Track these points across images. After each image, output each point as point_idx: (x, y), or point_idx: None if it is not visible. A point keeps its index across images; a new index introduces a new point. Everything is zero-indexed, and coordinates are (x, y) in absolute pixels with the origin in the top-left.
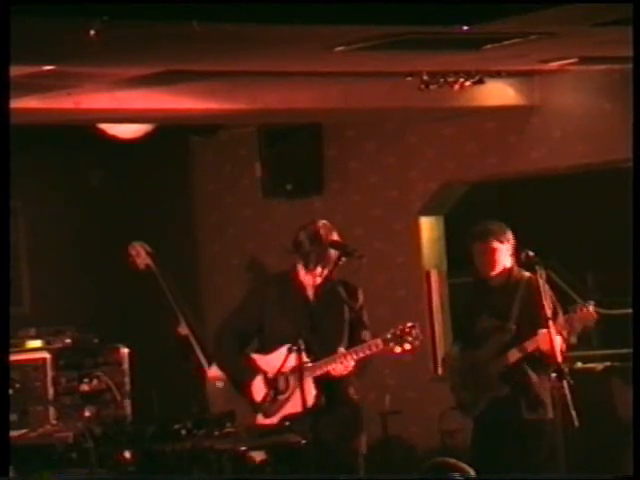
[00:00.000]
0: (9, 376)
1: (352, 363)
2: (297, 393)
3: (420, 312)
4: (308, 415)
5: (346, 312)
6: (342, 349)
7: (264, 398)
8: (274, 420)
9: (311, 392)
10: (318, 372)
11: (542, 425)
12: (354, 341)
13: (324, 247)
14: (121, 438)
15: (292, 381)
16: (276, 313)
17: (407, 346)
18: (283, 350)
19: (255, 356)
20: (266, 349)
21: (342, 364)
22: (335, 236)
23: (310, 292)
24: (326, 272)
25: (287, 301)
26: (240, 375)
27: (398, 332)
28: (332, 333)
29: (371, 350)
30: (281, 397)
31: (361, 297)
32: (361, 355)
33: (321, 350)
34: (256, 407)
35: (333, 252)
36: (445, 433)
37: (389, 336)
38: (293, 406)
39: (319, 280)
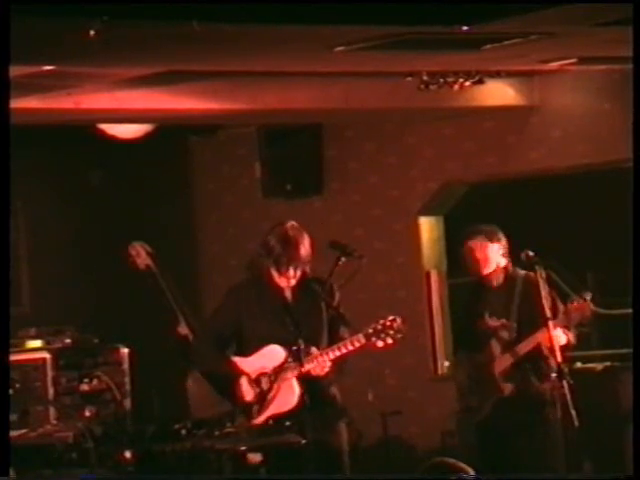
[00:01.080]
0: (9, 376)
1: (335, 360)
2: (282, 393)
3: (420, 312)
4: (293, 414)
5: (324, 310)
6: (324, 347)
7: (249, 400)
8: (258, 421)
9: (295, 391)
10: (301, 371)
11: (543, 425)
12: (333, 339)
13: (294, 248)
14: (121, 438)
15: (276, 381)
16: (255, 315)
17: (389, 340)
18: (264, 351)
19: (236, 359)
20: (245, 351)
21: (325, 362)
22: (305, 237)
23: (287, 293)
24: (299, 273)
25: (265, 303)
26: (223, 378)
27: (379, 326)
28: (312, 332)
29: (353, 346)
30: (265, 398)
31: (337, 294)
32: (344, 351)
33: (303, 349)
34: (241, 409)
35: (304, 252)
36: (446, 433)
37: (370, 331)
38: (278, 406)
39: (293, 282)
